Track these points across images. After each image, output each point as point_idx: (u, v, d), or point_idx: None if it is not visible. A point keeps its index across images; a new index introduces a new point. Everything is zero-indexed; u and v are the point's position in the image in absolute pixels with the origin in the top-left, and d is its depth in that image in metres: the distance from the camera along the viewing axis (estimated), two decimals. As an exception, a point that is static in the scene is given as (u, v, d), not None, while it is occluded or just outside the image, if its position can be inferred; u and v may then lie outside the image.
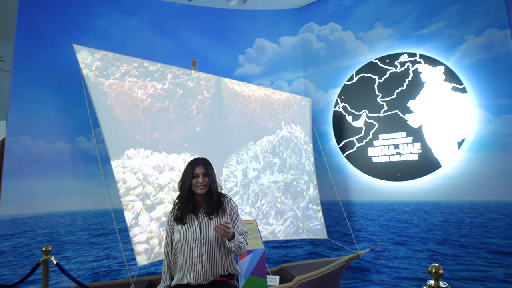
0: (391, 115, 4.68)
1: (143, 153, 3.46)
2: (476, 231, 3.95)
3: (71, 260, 4.17)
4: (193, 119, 3.79)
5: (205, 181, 1.83)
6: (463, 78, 4.13)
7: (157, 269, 4.52)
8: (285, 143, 4.45)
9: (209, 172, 1.87)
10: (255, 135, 4.25)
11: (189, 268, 1.72)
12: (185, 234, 1.76)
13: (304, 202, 4.41)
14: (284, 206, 4.26)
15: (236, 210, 1.91)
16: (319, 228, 4.43)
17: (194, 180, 1.83)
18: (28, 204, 4.01)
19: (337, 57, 5.31)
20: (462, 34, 4.19)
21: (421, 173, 4.35)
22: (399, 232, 4.50)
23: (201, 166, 1.86)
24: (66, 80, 4.30)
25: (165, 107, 3.64)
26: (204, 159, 1.94)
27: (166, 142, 3.62)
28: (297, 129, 4.55)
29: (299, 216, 4.32)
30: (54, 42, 4.33)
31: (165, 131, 3.62)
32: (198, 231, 1.76)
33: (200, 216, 1.82)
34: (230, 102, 4.09)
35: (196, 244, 1.73)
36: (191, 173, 1.84)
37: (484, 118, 3.98)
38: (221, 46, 5.53)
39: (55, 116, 4.29)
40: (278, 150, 4.37)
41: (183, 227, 1.78)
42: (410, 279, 4.27)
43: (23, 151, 4.03)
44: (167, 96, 3.66)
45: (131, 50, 4.82)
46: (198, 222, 1.79)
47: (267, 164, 4.24)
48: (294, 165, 4.46)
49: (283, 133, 4.43)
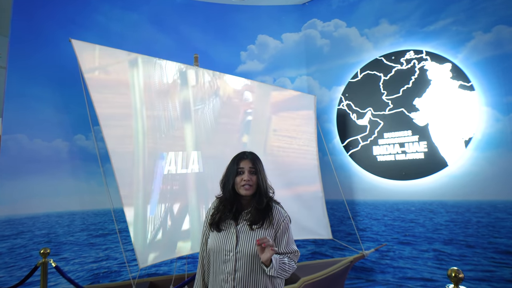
0: (396, 113, 4.61)
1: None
2: (483, 231, 3.90)
3: (70, 261, 4.06)
4: (197, 116, 3.68)
5: (251, 179, 1.48)
6: (471, 75, 4.06)
7: (157, 270, 4.43)
8: (290, 141, 4.36)
9: (258, 169, 1.51)
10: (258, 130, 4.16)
11: (219, 284, 1.43)
12: (218, 243, 1.45)
13: (308, 201, 4.33)
14: (289, 206, 4.18)
15: (285, 223, 1.52)
16: (323, 228, 4.35)
17: (238, 178, 1.49)
18: (25, 204, 3.90)
19: (341, 54, 5.22)
20: (470, 31, 4.12)
21: (427, 172, 4.28)
22: (404, 231, 4.44)
23: (247, 160, 1.52)
24: (63, 76, 4.17)
25: (168, 102, 3.52)
26: (252, 152, 1.58)
27: (171, 140, 3.51)
28: (302, 128, 4.46)
29: (303, 216, 4.24)
30: (51, 37, 4.19)
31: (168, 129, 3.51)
32: (234, 242, 1.43)
33: (240, 222, 1.48)
34: (234, 98, 3.98)
35: (230, 257, 1.41)
36: (235, 168, 1.50)
37: (491, 116, 3.92)
38: (222, 43, 5.42)
39: (52, 114, 4.17)
40: (281, 148, 4.28)
41: (218, 234, 1.48)
42: (415, 279, 4.21)
43: (20, 149, 3.91)
44: (169, 90, 3.55)
45: (131, 46, 4.69)
46: (235, 230, 1.46)
47: (269, 161, 4.16)
48: (298, 163, 4.37)
49: (289, 131, 4.34)
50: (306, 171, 4.37)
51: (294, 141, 4.35)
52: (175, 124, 3.51)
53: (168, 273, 4.38)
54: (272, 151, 4.15)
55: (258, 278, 1.40)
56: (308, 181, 4.36)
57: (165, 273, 4.39)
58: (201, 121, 3.69)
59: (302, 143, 4.40)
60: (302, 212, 4.20)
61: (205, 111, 3.72)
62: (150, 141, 3.35)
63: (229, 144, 3.82)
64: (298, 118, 4.44)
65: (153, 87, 3.42)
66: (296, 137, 4.35)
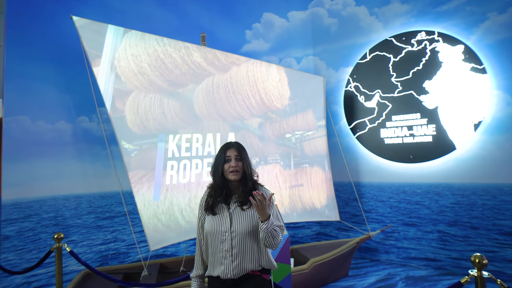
0: (405, 95, 4.56)
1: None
2: (488, 213, 3.97)
3: (78, 243, 4.06)
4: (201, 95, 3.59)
5: (238, 165, 1.66)
6: (483, 58, 4.00)
7: (165, 251, 4.47)
8: (298, 122, 4.31)
9: (243, 156, 1.70)
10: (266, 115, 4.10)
11: (219, 261, 1.61)
12: (214, 226, 1.64)
13: (317, 184, 4.34)
14: (297, 189, 4.19)
15: (272, 198, 1.71)
16: (332, 210, 4.39)
17: (226, 165, 1.67)
18: (31, 188, 3.84)
19: (350, 34, 5.08)
20: (485, 11, 4.01)
21: (434, 155, 4.30)
22: (409, 213, 4.52)
23: (233, 148, 1.71)
24: (65, 54, 4.01)
25: (174, 80, 3.42)
26: (237, 142, 1.77)
27: (180, 120, 3.44)
28: (311, 110, 4.40)
29: (312, 199, 4.27)
30: (50, 14, 3.98)
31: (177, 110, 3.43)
32: (228, 223, 1.62)
33: (232, 205, 1.67)
34: (240, 81, 3.88)
35: (226, 237, 1.61)
36: (223, 157, 1.69)
37: (502, 99, 3.90)
38: (227, 21, 5.22)
39: (54, 95, 4.04)
40: (291, 131, 4.23)
41: (213, 217, 1.66)
42: (419, 259, 4.33)
43: (23, 132, 3.80)
44: (175, 70, 3.44)
45: (131, 22, 4.50)
46: (228, 213, 1.65)
47: (277, 143, 4.12)
48: (307, 146, 4.35)
49: (298, 113, 4.28)
50: (315, 154, 4.36)
51: (303, 123, 4.31)
52: (188, 105, 3.43)
53: (175, 254, 4.43)
54: (282, 133, 4.11)
55: (252, 251, 1.63)
56: (318, 163, 4.36)
57: (173, 254, 4.44)
58: (218, 102, 3.60)
59: (311, 125, 4.36)
60: (311, 195, 4.22)
61: (215, 92, 3.63)
62: (160, 123, 3.27)
63: (243, 127, 3.76)
64: (308, 100, 4.36)
65: (163, 67, 3.30)
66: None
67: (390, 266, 4.39)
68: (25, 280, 3.55)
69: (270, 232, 1.57)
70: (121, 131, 3.07)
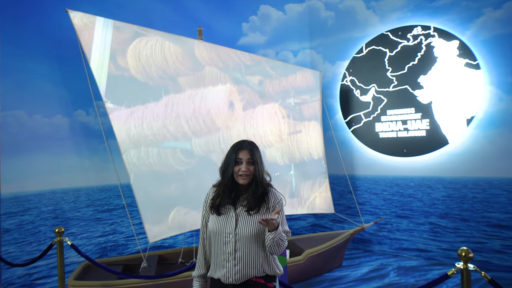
0: (400, 90, 4.61)
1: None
2: (477, 206, 4.09)
3: (77, 236, 4.13)
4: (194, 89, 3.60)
5: (249, 170, 1.56)
6: (478, 53, 4.05)
7: (163, 242, 4.55)
8: (294, 116, 4.36)
9: (255, 159, 1.58)
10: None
11: (221, 264, 1.55)
12: (218, 226, 1.57)
13: (312, 177, 4.42)
14: (292, 180, 4.26)
15: (280, 205, 1.64)
16: (326, 202, 4.49)
17: (236, 167, 1.57)
18: (30, 181, 3.88)
19: (346, 27, 5.09)
20: (480, 7, 4.04)
21: (427, 150, 4.39)
22: (402, 206, 4.63)
23: (246, 151, 1.58)
24: (60, 48, 3.99)
25: (174, 73, 3.43)
26: (251, 142, 1.64)
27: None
28: (307, 103, 4.44)
29: (306, 191, 4.35)
30: (45, 6, 3.94)
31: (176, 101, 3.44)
32: (233, 224, 1.55)
33: (239, 207, 1.59)
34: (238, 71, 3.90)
35: (230, 239, 1.54)
36: (234, 158, 1.59)
37: (495, 95, 3.97)
38: (223, 13, 5.19)
39: (51, 89, 4.04)
40: (286, 123, 4.28)
41: (218, 217, 1.59)
42: (410, 250, 4.46)
43: (20, 126, 3.82)
44: (173, 64, 3.44)
45: (127, 16, 4.47)
46: (234, 214, 1.58)
47: (273, 137, 4.17)
48: (303, 139, 4.40)
49: (293, 106, 4.32)
50: (311, 147, 4.42)
51: (298, 116, 4.35)
52: (189, 102, 3.44)
53: (173, 246, 4.51)
54: (279, 126, 4.15)
55: (256, 256, 1.55)
56: (313, 156, 4.43)
57: (171, 246, 4.52)
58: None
59: (307, 118, 4.41)
60: (306, 187, 4.30)
61: (207, 82, 3.65)
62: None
63: (243, 124, 3.79)
64: (304, 93, 4.40)
65: (160, 61, 3.31)
66: (301, 113, 4.34)
67: (383, 256, 4.52)
68: (26, 272, 3.62)
69: (276, 242, 1.50)
70: (119, 125, 3.08)
